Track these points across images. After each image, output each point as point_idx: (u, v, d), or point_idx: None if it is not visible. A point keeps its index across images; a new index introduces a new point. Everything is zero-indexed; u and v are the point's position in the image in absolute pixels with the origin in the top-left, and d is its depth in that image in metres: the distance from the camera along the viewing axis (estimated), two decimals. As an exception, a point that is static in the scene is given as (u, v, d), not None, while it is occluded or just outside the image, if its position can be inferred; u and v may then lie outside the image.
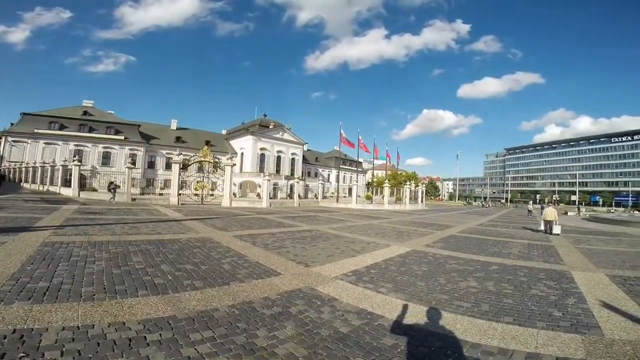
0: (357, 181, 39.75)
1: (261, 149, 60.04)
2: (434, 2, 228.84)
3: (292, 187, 36.48)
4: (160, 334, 2.98)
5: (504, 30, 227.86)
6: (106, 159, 47.66)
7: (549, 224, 14.35)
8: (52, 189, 25.12)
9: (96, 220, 10.48)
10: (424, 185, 58.56)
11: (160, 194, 28.80)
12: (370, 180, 74.37)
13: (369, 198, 40.54)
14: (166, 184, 31.86)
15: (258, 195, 39.20)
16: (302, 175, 62.95)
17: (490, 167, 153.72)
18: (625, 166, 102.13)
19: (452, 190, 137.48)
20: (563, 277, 6.03)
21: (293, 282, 4.99)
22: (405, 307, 4.03)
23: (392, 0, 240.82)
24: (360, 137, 39.37)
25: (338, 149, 54.09)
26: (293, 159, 65.92)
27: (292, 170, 64.15)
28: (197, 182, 25.94)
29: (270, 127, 62.53)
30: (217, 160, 28.75)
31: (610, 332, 3.50)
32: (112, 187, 21.55)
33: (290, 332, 3.23)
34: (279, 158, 63.02)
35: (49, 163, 28.88)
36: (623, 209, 69.18)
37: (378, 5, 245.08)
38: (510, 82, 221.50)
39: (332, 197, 44.89)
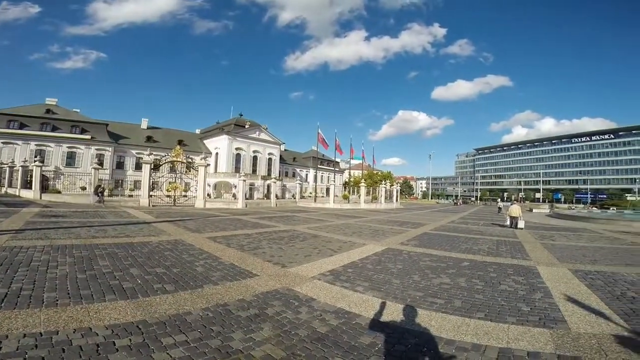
0: (334, 181, 40.02)
1: (237, 148, 59.01)
2: (414, 5, 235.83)
3: (269, 187, 36.13)
4: (130, 339, 2.87)
5: (477, 35, 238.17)
6: (71, 159, 45.07)
7: (514, 219, 15.98)
8: (10, 191, 23.52)
9: (59, 224, 9.89)
10: (398, 184, 59.90)
11: (130, 196, 27.63)
12: (347, 180, 75.05)
13: (346, 197, 40.96)
14: (136, 185, 30.66)
15: (234, 196, 38.49)
16: (280, 176, 62.43)
17: (461, 167, 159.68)
18: (584, 165, 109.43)
19: (425, 189, 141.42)
20: (530, 273, 6.32)
21: (269, 283, 4.93)
22: (381, 306, 4.08)
23: (373, 2, 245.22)
24: (337, 139, 39.67)
25: (316, 149, 54.21)
26: (270, 159, 65.30)
27: (269, 170, 63.56)
28: (169, 183, 25.16)
29: (246, 126, 61.60)
30: (190, 160, 28.00)
31: (576, 325, 3.64)
32: (100, 191, 20.53)
33: (267, 334, 3.19)
34: (255, 158, 62.22)
35: (7, 164, 27.03)
36: (582, 205, 73.78)
37: (359, 7, 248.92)
38: (481, 84, 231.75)
39: (309, 197, 44.90)
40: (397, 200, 46.36)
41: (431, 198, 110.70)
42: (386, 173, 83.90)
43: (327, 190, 44.57)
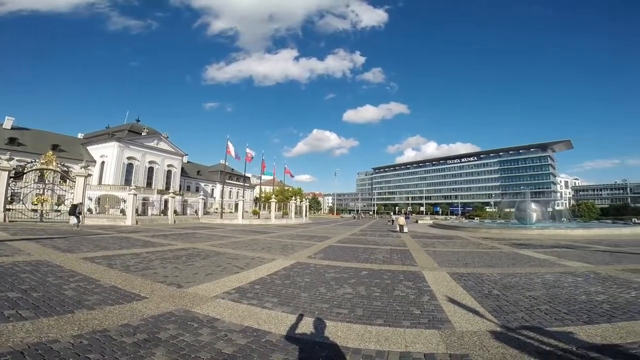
0: (243, 196, 38.78)
1: (129, 158, 52.26)
2: (344, 32, 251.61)
3: (166, 202, 32.74)
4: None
5: (390, 65, 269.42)
6: None
7: (400, 227, 22.40)
8: None
9: None
10: (307, 200, 61.65)
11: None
12: (258, 196, 73.61)
13: (256, 213, 40.12)
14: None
15: (122, 211, 33.66)
16: (180, 190, 57.56)
17: (361, 184, 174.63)
18: (456, 183, 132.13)
19: (331, 204, 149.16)
20: (417, 277, 7.02)
21: (162, 305, 4.39)
22: (291, 320, 4.01)
23: (310, 24, 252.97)
24: (248, 151, 38.73)
25: (224, 163, 51.84)
26: (169, 172, 59.67)
27: (168, 183, 57.97)
28: (37, 195, 20.65)
29: (143, 133, 55.33)
30: (66, 168, 23.58)
31: (459, 325, 3.96)
32: (79, 211, 17.87)
33: (161, 359, 2.82)
34: (151, 169, 56.04)
35: None
36: (455, 216, 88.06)
37: (297, 27, 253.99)
38: (384, 110, 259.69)
39: (215, 212, 42.40)
40: (306, 215, 47.49)
41: (336, 213, 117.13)
42: (297, 189, 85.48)
43: (236, 206, 42.80)
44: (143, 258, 8.33)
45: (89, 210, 32.16)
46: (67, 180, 22.16)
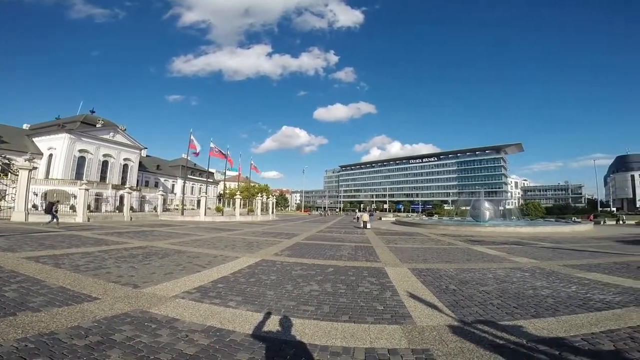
0: (206, 192, 37.54)
1: (81, 150, 48.56)
2: (320, 31, 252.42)
3: (122, 198, 30.86)
4: None
5: (361, 65, 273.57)
6: None
7: (364, 222, 25.09)
8: None
9: None
10: (274, 197, 61.02)
11: None
12: (222, 192, 71.50)
13: (219, 210, 39.00)
14: None
15: (72, 207, 31.21)
16: (138, 185, 54.59)
17: (329, 182, 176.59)
18: (417, 182, 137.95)
19: (299, 202, 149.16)
20: (380, 273, 7.17)
21: (116, 306, 4.14)
22: (257, 319, 3.93)
23: (287, 20, 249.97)
24: (213, 145, 37.37)
25: (186, 157, 49.71)
26: (126, 166, 56.25)
27: (124, 178, 54.58)
28: (-31, 189, 18.56)
29: (98, 125, 51.59)
30: (7, 161, 21.44)
31: (419, 320, 4.05)
32: (55, 209, 17.34)
33: (117, 363, 2.66)
34: (105, 163, 52.53)
35: None
36: (415, 214, 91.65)
37: (273, 23, 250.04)
38: (354, 109, 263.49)
39: (176, 209, 40.67)
40: (273, 212, 46.97)
41: (305, 210, 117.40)
42: (263, 186, 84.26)
43: (199, 202, 41.30)
44: (95, 257, 7.81)
45: (34, 206, 29.45)
46: (9, 173, 20.16)
